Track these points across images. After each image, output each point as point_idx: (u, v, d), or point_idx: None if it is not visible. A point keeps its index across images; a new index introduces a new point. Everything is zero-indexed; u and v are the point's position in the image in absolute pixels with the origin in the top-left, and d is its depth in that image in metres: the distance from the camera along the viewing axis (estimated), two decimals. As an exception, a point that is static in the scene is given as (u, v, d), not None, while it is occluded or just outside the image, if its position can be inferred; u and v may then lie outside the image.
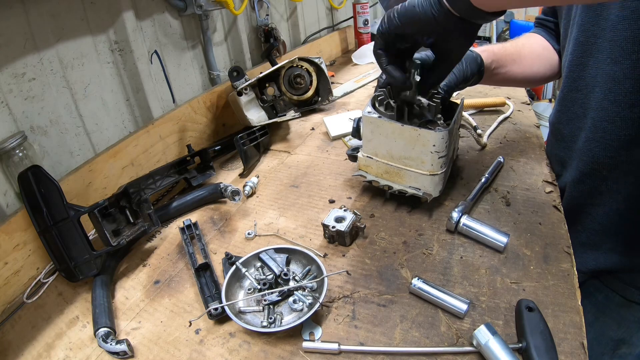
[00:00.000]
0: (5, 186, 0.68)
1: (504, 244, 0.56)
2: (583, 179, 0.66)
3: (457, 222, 0.60)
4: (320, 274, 0.54)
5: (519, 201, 0.66)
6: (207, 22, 1.05)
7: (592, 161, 0.64)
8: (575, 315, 0.46)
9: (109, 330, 0.51)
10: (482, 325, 0.43)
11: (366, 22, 1.64)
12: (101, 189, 0.75)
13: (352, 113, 1.04)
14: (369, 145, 0.67)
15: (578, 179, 0.67)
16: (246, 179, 0.83)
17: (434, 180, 0.63)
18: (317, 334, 0.49)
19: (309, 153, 0.92)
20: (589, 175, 0.65)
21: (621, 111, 0.58)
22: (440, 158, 0.61)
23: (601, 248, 0.67)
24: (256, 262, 0.58)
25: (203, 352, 0.49)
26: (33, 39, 0.70)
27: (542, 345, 0.41)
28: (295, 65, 1.06)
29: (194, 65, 1.09)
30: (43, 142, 0.74)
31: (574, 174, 0.68)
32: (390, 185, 0.67)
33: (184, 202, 0.76)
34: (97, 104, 0.83)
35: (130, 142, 0.81)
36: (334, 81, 1.39)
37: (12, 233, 0.61)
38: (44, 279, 0.64)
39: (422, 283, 0.51)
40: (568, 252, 0.55)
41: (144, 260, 0.66)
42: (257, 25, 1.30)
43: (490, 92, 1.09)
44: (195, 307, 0.56)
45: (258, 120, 0.98)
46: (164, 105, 0.98)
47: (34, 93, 0.71)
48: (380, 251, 0.60)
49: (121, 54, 0.86)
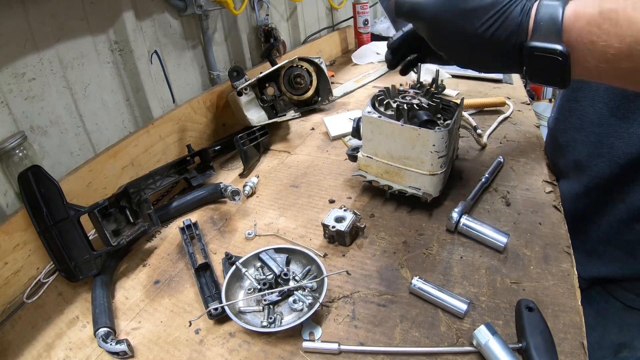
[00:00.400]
0: (5, 186, 0.68)
1: (504, 244, 0.56)
2: (588, 193, 0.66)
3: (457, 222, 0.60)
4: (320, 274, 0.54)
5: (519, 201, 0.66)
6: (207, 22, 1.05)
7: (598, 176, 0.63)
8: (575, 315, 0.46)
9: (109, 330, 0.51)
10: (482, 325, 0.43)
11: (366, 22, 1.64)
12: (101, 189, 0.75)
13: (352, 113, 1.04)
14: (369, 145, 0.67)
15: (583, 193, 0.66)
16: (246, 179, 0.83)
17: (434, 180, 0.63)
18: (317, 334, 0.49)
19: (309, 153, 0.92)
20: (594, 189, 0.64)
21: (630, 127, 0.57)
22: (440, 158, 0.61)
23: (604, 256, 0.66)
24: (256, 262, 0.58)
25: (203, 352, 0.49)
26: (33, 39, 0.70)
27: (542, 345, 0.41)
28: (295, 65, 1.06)
29: (194, 65, 1.09)
30: (43, 142, 0.74)
31: (577, 188, 0.67)
32: (390, 185, 0.67)
33: (184, 202, 0.76)
34: (97, 104, 0.83)
35: (130, 142, 0.81)
36: (334, 81, 1.39)
37: (12, 233, 0.61)
38: (44, 279, 0.64)
39: (422, 283, 0.51)
40: (568, 252, 0.55)
41: (144, 260, 0.66)
42: (257, 25, 1.30)
43: (490, 92, 1.09)
44: (195, 307, 0.56)
45: (258, 120, 0.98)
46: (164, 105, 0.98)
47: (34, 93, 0.71)
48: (380, 251, 0.60)
49: (121, 54, 0.86)
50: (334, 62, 1.63)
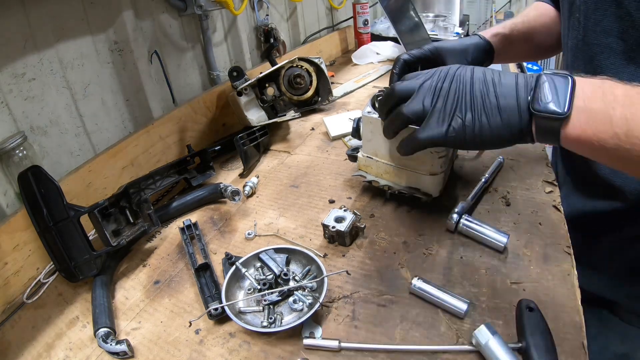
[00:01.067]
0: (5, 186, 0.68)
1: (503, 244, 0.56)
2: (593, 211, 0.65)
3: (456, 222, 0.60)
4: (320, 274, 0.54)
5: (519, 201, 0.66)
6: (207, 22, 1.06)
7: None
8: (575, 315, 0.46)
9: (109, 330, 0.51)
10: (482, 325, 0.43)
11: (366, 22, 1.64)
12: (101, 189, 0.75)
13: (352, 113, 1.04)
14: (369, 145, 0.67)
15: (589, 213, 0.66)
16: (246, 179, 0.83)
17: (434, 180, 0.63)
18: (317, 334, 0.49)
19: (309, 153, 0.92)
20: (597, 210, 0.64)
21: None
22: (440, 158, 0.61)
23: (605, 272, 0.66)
24: (256, 262, 0.58)
25: (203, 352, 0.49)
26: (33, 39, 0.70)
27: (542, 345, 0.41)
28: (295, 65, 1.06)
29: (194, 65, 1.09)
30: (43, 142, 0.74)
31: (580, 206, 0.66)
32: (390, 185, 0.67)
33: (184, 202, 0.76)
34: (97, 104, 0.83)
35: (130, 142, 0.81)
36: (333, 81, 1.39)
37: (12, 233, 0.61)
38: (44, 279, 0.64)
39: (422, 283, 0.51)
40: (568, 252, 0.55)
41: (144, 260, 0.66)
42: (257, 25, 1.30)
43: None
44: (195, 307, 0.56)
45: (258, 120, 0.98)
46: (164, 105, 0.98)
47: (34, 93, 0.71)
48: (380, 251, 0.60)
49: (121, 54, 0.86)
50: (334, 62, 1.63)
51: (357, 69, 1.52)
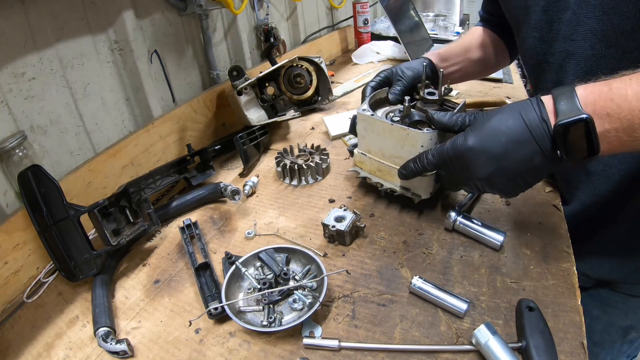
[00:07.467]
0: (5, 186, 0.68)
1: (500, 242, 0.56)
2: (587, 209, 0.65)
3: (454, 220, 0.60)
4: (320, 274, 0.54)
5: (519, 201, 0.66)
6: (207, 21, 1.05)
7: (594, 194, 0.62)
8: (575, 315, 0.46)
9: (108, 329, 0.51)
10: (482, 324, 0.43)
11: (366, 22, 1.64)
12: (101, 188, 0.75)
13: (351, 112, 1.04)
14: (363, 142, 0.68)
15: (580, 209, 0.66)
16: (246, 179, 0.83)
17: (423, 181, 0.62)
18: (317, 334, 0.49)
19: (309, 152, 0.92)
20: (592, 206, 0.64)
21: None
22: None
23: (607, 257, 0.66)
24: (256, 262, 0.58)
25: (203, 352, 0.49)
26: (33, 38, 0.70)
27: (542, 345, 0.41)
28: (295, 64, 1.06)
29: (194, 65, 1.09)
30: (43, 141, 0.74)
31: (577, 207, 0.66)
32: (382, 182, 0.67)
33: (184, 201, 0.76)
34: (97, 104, 0.83)
35: (130, 142, 0.81)
36: (333, 80, 1.39)
37: (12, 233, 0.61)
38: (44, 279, 0.64)
39: (422, 282, 0.51)
40: (568, 252, 0.55)
41: (144, 259, 0.66)
42: (257, 25, 1.30)
43: (490, 92, 1.09)
44: (195, 307, 0.56)
45: (258, 119, 0.98)
46: (164, 105, 0.97)
47: (33, 93, 0.71)
48: (380, 251, 0.60)
49: (121, 54, 0.86)
50: (334, 62, 1.63)
51: (357, 68, 1.52)
